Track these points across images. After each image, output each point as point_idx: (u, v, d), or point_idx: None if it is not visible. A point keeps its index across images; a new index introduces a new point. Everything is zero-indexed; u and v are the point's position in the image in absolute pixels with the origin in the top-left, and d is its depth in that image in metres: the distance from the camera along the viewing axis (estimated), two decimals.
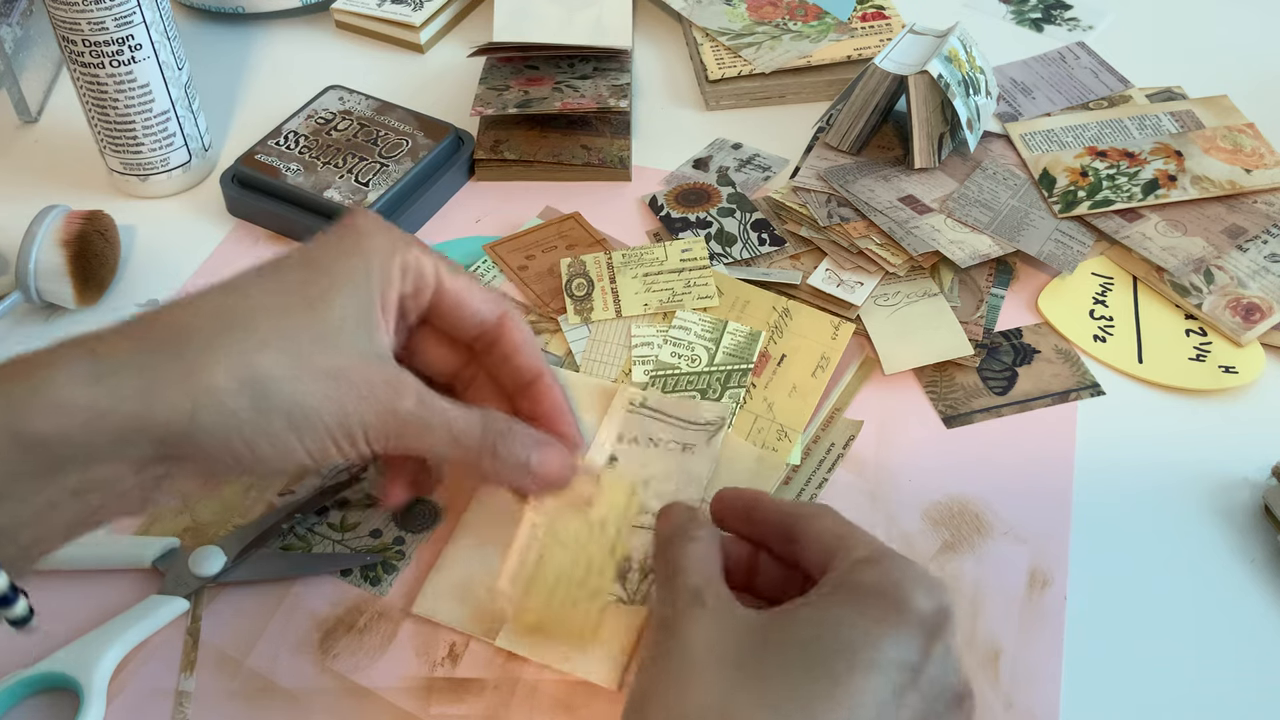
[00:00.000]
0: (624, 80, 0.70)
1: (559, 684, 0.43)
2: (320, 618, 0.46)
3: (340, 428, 0.38)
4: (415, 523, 0.49)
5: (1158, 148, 0.65)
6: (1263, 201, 0.63)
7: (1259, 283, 0.58)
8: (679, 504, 0.44)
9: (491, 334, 0.44)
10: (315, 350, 0.37)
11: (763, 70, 0.72)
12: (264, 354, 0.36)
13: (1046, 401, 0.54)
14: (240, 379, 0.36)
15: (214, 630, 0.45)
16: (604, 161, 0.66)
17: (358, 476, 0.50)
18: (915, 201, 0.62)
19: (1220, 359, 0.56)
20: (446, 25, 0.80)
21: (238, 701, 0.43)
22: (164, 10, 0.61)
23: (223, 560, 0.47)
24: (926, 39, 0.66)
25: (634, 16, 0.78)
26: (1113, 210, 0.62)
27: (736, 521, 0.43)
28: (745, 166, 0.67)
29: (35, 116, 0.73)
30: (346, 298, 0.39)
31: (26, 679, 0.43)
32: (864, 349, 0.57)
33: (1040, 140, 0.67)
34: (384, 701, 0.43)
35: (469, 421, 0.41)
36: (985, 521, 0.49)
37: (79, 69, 0.61)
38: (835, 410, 0.54)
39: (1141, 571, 0.48)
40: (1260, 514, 0.50)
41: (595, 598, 0.45)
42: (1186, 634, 0.46)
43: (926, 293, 0.58)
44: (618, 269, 0.58)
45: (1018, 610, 0.46)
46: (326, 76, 0.72)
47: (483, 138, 0.68)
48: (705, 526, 0.42)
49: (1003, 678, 0.44)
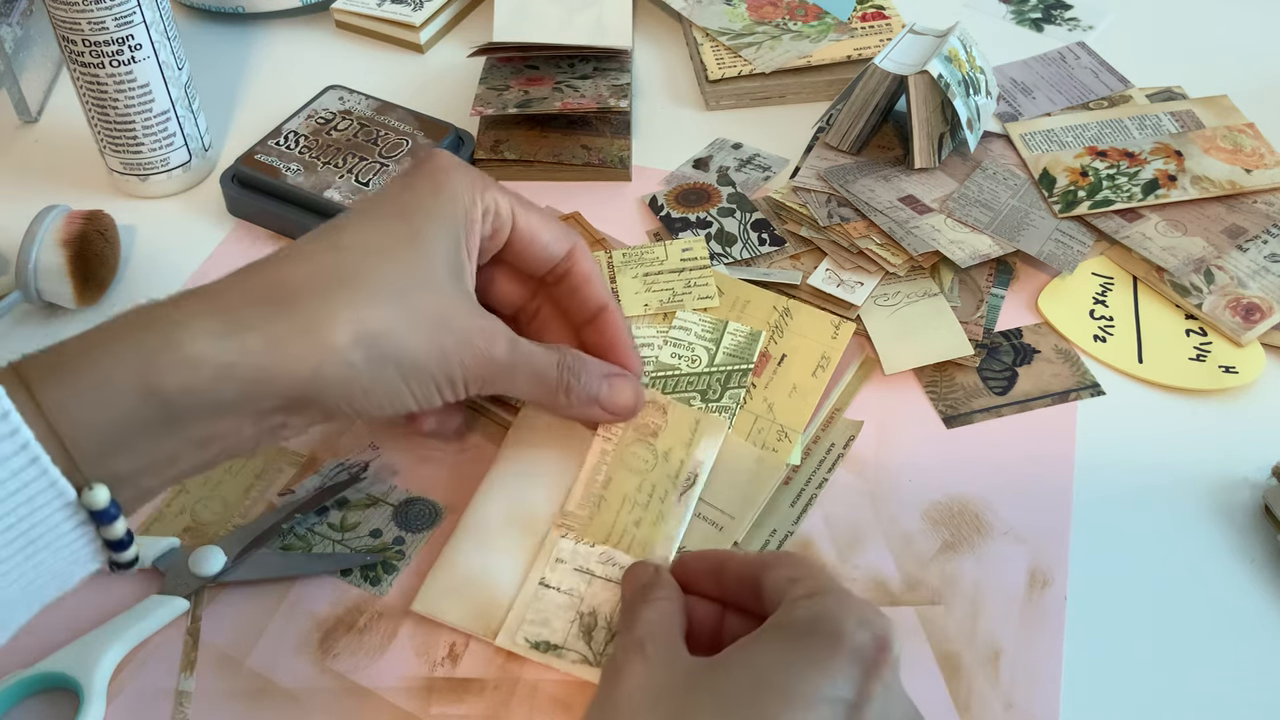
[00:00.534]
0: (624, 80, 0.70)
1: (559, 684, 0.43)
2: (320, 618, 0.46)
3: (444, 375, 0.40)
4: (415, 523, 0.49)
5: (1158, 148, 0.66)
6: (1263, 201, 0.63)
7: (1259, 283, 0.58)
8: (643, 564, 0.44)
9: (562, 268, 0.45)
10: (419, 296, 0.39)
11: (763, 70, 0.72)
12: (375, 307, 0.38)
13: (1046, 401, 0.54)
14: (356, 334, 0.37)
15: (214, 630, 0.45)
16: (604, 161, 0.66)
17: (358, 476, 0.50)
18: (915, 201, 0.62)
19: (1220, 359, 0.56)
20: (446, 25, 0.80)
21: (238, 701, 0.43)
22: (164, 10, 0.61)
23: (223, 560, 0.47)
24: (926, 39, 0.66)
25: (634, 16, 0.78)
26: (1113, 210, 0.62)
27: (705, 584, 0.43)
28: (745, 166, 0.67)
29: (35, 116, 0.73)
30: (440, 241, 0.40)
31: (26, 679, 0.43)
32: (864, 349, 0.57)
33: (1040, 140, 0.67)
34: (384, 701, 0.43)
35: (547, 361, 0.43)
36: (985, 521, 0.49)
37: (79, 69, 0.61)
38: (835, 410, 0.54)
39: (1141, 571, 0.48)
40: (1260, 514, 0.50)
41: (660, 522, 0.46)
42: (1186, 634, 0.46)
43: (926, 293, 0.58)
44: (618, 269, 0.58)
45: (1018, 610, 0.46)
46: (326, 76, 0.72)
47: (483, 138, 0.68)
48: (667, 587, 0.42)
49: (1003, 678, 0.44)
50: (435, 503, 0.50)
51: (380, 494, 0.50)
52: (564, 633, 0.44)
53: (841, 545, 0.48)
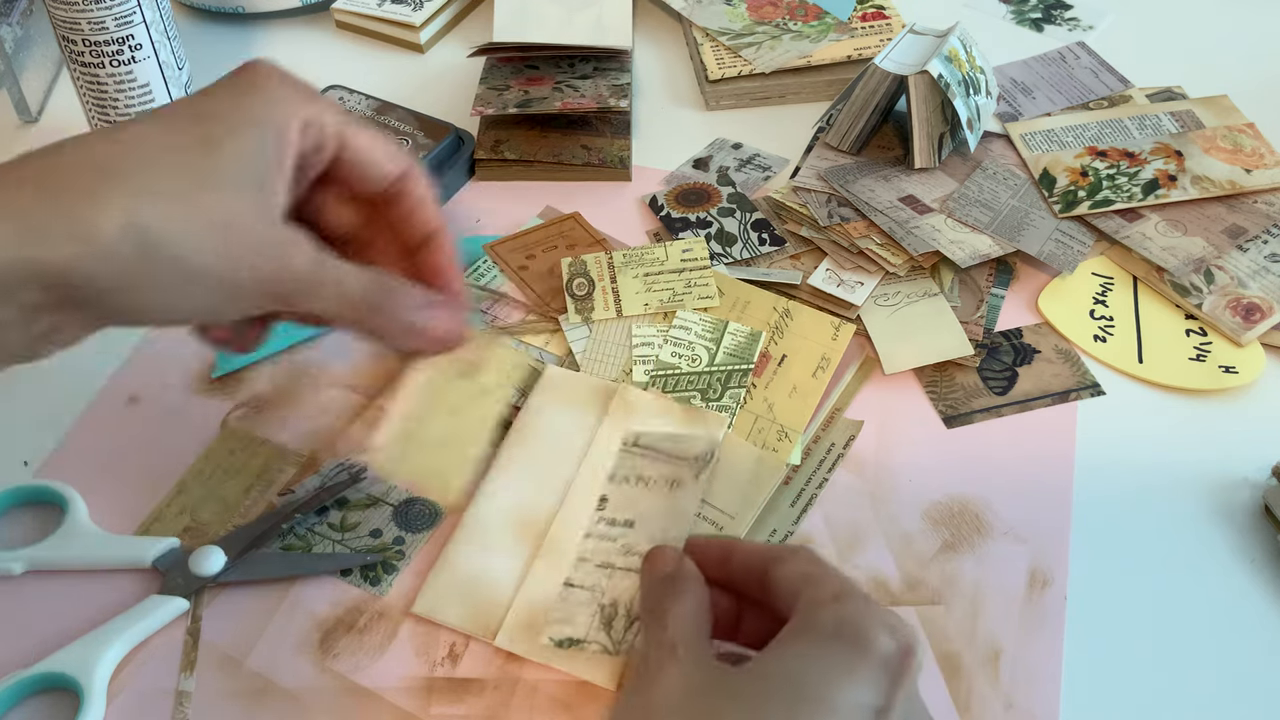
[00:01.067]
0: (624, 80, 0.70)
1: (559, 684, 0.43)
2: (320, 618, 0.46)
3: (231, 281, 0.36)
4: (415, 523, 0.49)
5: (1158, 148, 0.66)
6: (1263, 201, 0.63)
7: (1259, 283, 0.58)
8: (666, 549, 0.44)
9: (394, 189, 0.42)
10: (206, 196, 0.36)
11: (763, 70, 0.72)
12: (151, 200, 0.35)
13: (1046, 401, 0.54)
14: (123, 225, 0.34)
15: (214, 630, 0.45)
16: (604, 161, 0.66)
17: (358, 476, 0.50)
18: (915, 201, 0.62)
19: (1220, 359, 0.56)
20: (446, 25, 0.80)
21: (238, 701, 0.43)
22: (164, 10, 0.61)
23: (223, 560, 0.47)
24: (926, 39, 0.66)
25: (634, 16, 0.78)
26: (1113, 210, 0.62)
27: (711, 569, 0.42)
28: (745, 166, 0.67)
29: (35, 116, 0.73)
30: (241, 144, 0.37)
31: (26, 679, 0.43)
32: (864, 349, 0.57)
33: (1040, 140, 0.67)
34: (384, 701, 0.43)
35: (359, 281, 0.39)
36: (985, 521, 0.49)
37: (79, 69, 0.61)
38: (835, 410, 0.54)
39: (1141, 572, 0.48)
40: (1260, 514, 0.50)
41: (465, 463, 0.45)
42: (1186, 634, 0.46)
43: (927, 293, 0.58)
44: (618, 269, 0.58)
45: (1018, 610, 0.46)
46: (326, 76, 0.72)
47: (483, 138, 0.68)
48: (693, 579, 0.41)
49: (1003, 678, 0.44)
50: (435, 503, 0.50)
51: (380, 494, 0.50)
52: (586, 626, 0.44)
53: (841, 545, 0.48)
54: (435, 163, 0.65)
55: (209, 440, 0.52)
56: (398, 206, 0.42)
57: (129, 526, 0.49)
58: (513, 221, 0.64)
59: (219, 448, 0.52)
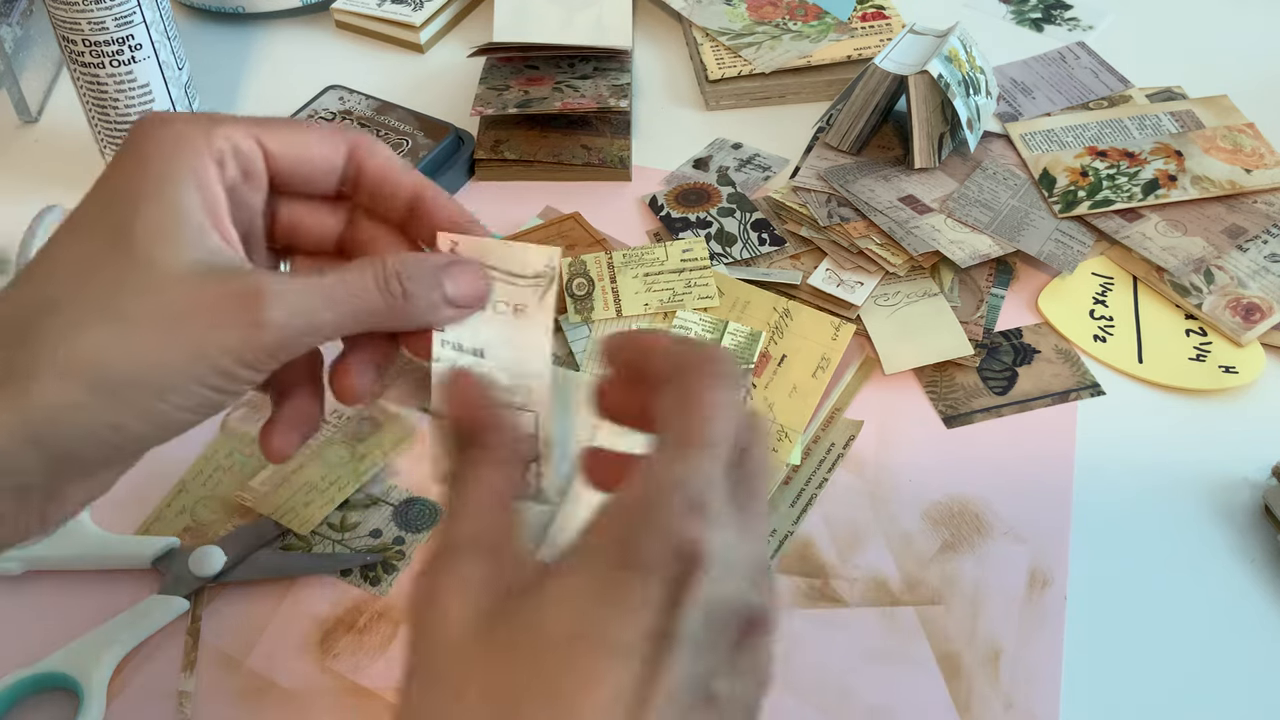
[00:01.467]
0: (624, 80, 0.70)
1: None
2: (320, 618, 0.46)
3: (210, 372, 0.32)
4: (415, 522, 0.49)
5: (1158, 148, 0.66)
6: (1263, 201, 0.63)
7: (1259, 283, 0.58)
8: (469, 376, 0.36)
9: (350, 172, 0.37)
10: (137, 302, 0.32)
11: (763, 70, 0.72)
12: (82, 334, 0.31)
13: (1046, 401, 0.54)
14: (64, 374, 0.31)
15: (214, 630, 0.45)
16: (604, 161, 0.66)
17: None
18: (915, 201, 0.62)
19: (1220, 359, 0.56)
20: (446, 25, 0.80)
21: (238, 701, 0.43)
22: (164, 10, 0.61)
23: (223, 560, 0.47)
24: (926, 39, 0.66)
25: (634, 16, 0.78)
26: (1113, 210, 0.62)
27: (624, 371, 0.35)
28: (745, 166, 0.67)
29: (35, 116, 0.73)
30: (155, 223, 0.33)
31: (26, 679, 0.43)
32: (864, 349, 0.57)
33: (1040, 140, 0.67)
34: (384, 701, 0.43)
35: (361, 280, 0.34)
36: (985, 521, 0.49)
37: (79, 69, 0.61)
38: (835, 410, 0.54)
39: (1141, 571, 0.48)
40: (1260, 514, 0.50)
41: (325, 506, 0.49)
42: (1186, 634, 0.46)
43: (926, 293, 0.58)
44: (618, 269, 0.58)
45: (1018, 610, 0.46)
46: (326, 76, 0.72)
47: (483, 138, 0.68)
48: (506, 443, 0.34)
49: (1003, 678, 0.44)
50: (435, 503, 0.50)
51: (380, 494, 0.50)
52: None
53: (841, 545, 0.48)
54: (435, 163, 0.65)
55: (209, 440, 0.52)
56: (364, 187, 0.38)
57: (129, 526, 0.49)
58: (513, 221, 0.64)
59: (219, 448, 0.52)
